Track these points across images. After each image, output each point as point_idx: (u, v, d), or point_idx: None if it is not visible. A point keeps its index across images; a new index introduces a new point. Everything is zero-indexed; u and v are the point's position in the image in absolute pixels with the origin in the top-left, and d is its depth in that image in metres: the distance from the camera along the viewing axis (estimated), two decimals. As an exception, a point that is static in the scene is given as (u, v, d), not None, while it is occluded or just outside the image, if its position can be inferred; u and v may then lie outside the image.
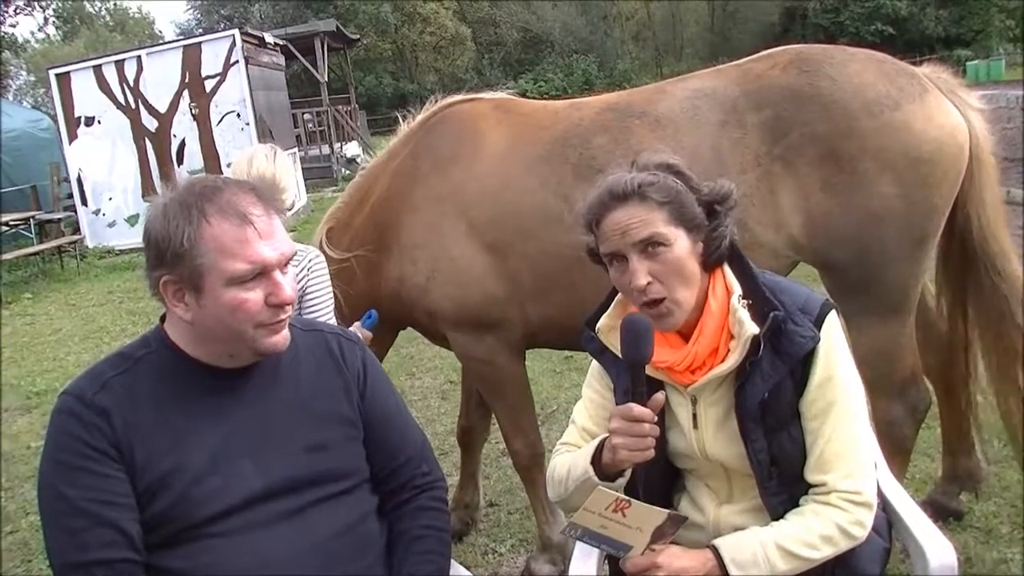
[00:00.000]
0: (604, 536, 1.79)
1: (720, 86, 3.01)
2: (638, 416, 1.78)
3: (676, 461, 2.06)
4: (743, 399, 1.87)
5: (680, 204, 1.87)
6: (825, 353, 1.87)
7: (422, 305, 3.27)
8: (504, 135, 3.24)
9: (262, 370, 1.93)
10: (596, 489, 1.77)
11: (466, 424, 3.96)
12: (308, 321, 2.18)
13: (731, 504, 2.01)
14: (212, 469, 1.82)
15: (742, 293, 1.91)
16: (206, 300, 1.78)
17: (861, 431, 1.89)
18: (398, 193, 3.31)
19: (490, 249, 3.13)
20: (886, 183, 2.78)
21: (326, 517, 1.89)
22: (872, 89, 2.83)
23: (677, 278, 1.86)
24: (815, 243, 2.88)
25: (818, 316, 1.89)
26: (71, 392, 1.85)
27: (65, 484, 1.76)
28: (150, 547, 1.78)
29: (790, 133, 2.85)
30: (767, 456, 1.88)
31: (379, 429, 2.05)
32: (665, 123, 3.00)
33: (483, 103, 3.40)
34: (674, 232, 1.86)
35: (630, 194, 1.87)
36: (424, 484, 2.09)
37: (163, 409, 1.84)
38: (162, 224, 1.77)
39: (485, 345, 3.26)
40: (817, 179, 2.83)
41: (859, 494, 1.84)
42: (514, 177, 3.13)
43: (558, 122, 3.20)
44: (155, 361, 1.89)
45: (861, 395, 1.93)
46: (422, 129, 3.38)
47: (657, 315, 1.88)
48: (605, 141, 3.05)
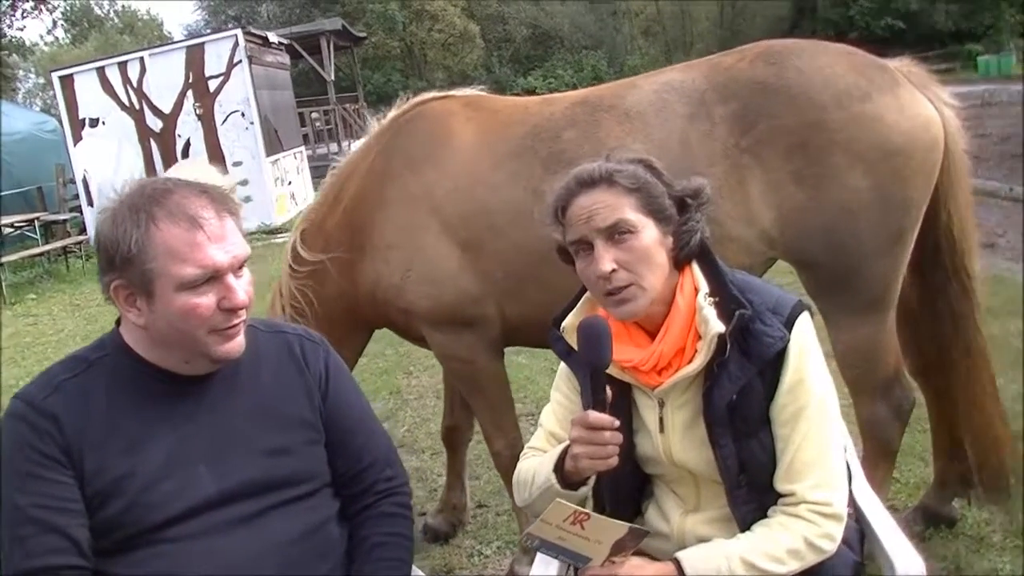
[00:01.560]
0: (563, 547, 1.75)
1: (689, 79, 2.96)
2: (597, 423, 1.73)
3: (644, 466, 2.00)
4: (710, 402, 1.81)
5: (648, 193, 1.83)
6: (796, 355, 1.80)
7: (398, 304, 3.23)
8: (474, 132, 3.20)
9: (221, 373, 1.90)
10: (555, 502, 1.72)
11: (450, 423, 3.92)
12: (271, 322, 2.14)
13: (698, 513, 1.95)
14: (165, 474, 1.78)
15: (709, 291, 1.84)
16: (157, 305, 1.75)
17: (833, 439, 1.82)
18: (370, 193, 3.28)
19: (463, 246, 3.10)
20: (857, 176, 2.73)
21: (285, 522, 1.86)
22: (841, 80, 2.78)
23: (644, 265, 1.81)
24: (788, 238, 2.82)
25: (788, 316, 1.82)
26: (21, 397, 1.82)
27: (15, 491, 1.73)
28: (101, 553, 1.75)
29: (757, 125, 2.80)
30: (736, 462, 1.82)
31: (342, 432, 2.01)
32: (634, 116, 2.95)
33: (453, 100, 3.37)
34: (642, 220, 1.81)
35: (598, 180, 1.84)
36: (387, 489, 2.04)
37: (116, 414, 1.81)
38: (111, 228, 1.74)
39: (463, 343, 3.22)
40: (787, 172, 2.77)
41: (828, 505, 1.77)
42: (484, 173, 3.10)
43: (529, 117, 3.16)
44: (109, 365, 1.86)
45: (834, 400, 1.86)
46: (393, 128, 3.35)
47: (620, 300, 1.82)
48: (574, 135, 3.01)
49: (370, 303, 3.33)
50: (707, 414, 1.82)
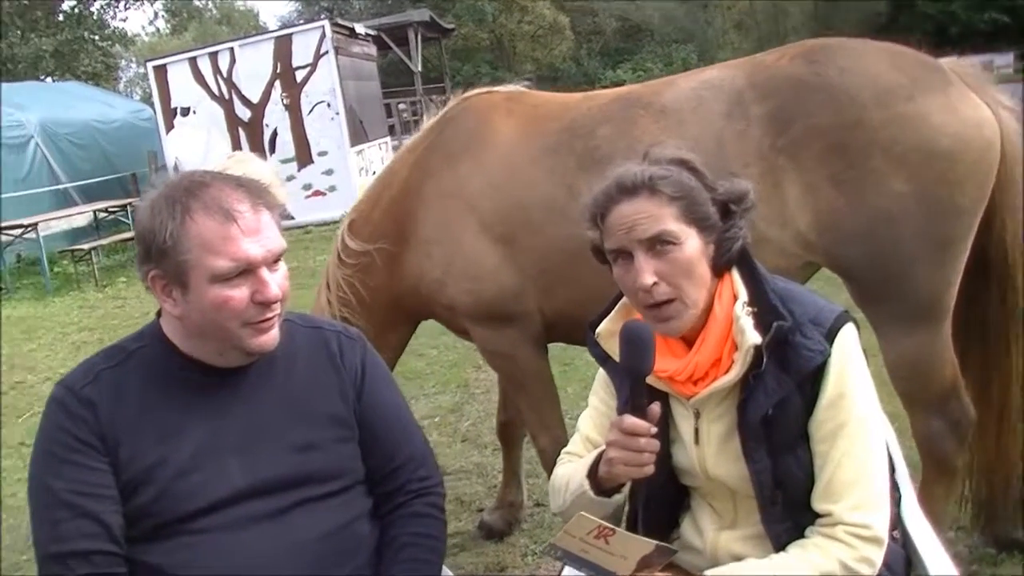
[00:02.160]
0: (587, 560, 1.70)
1: (728, 77, 2.87)
2: (633, 429, 1.68)
3: (681, 478, 1.93)
4: (745, 415, 1.73)
5: (692, 201, 1.75)
6: (837, 369, 1.71)
7: (440, 300, 3.24)
8: (514, 127, 3.18)
9: (256, 366, 1.90)
10: (578, 515, 1.68)
11: (504, 419, 3.90)
12: (309, 318, 2.14)
13: (733, 530, 1.87)
14: (196, 465, 1.80)
15: (747, 299, 1.76)
16: (192, 297, 1.76)
17: (875, 458, 1.73)
18: (414, 187, 3.29)
19: (500, 242, 3.08)
20: (899, 180, 2.59)
21: (311, 518, 1.85)
22: (884, 79, 2.64)
23: (686, 278, 1.74)
24: (826, 242, 2.70)
25: (830, 328, 1.73)
26: (64, 383, 1.86)
27: (50, 475, 1.77)
28: (132, 540, 1.78)
29: (793, 125, 2.69)
30: (771, 479, 1.74)
31: (375, 430, 1.99)
32: (669, 113, 2.88)
33: (496, 95, 3.35)
34: (685, 230, 1.73)
35: (639, 187, 1.75)
36: (419, 489, 2.02)
37: (151, 403, 1.83)
38: (149, 219, 1.76)
39: (506, 339, 3.20)
40: (824, 174, 2.65)
41: (868, 528, 1.68)
42: (520, 169, 3.08)
43: (567, 113, 3.12)
44: (148, 355, 1.89)
45: (878, 417, 1.77)
46: (439, 124, 3.35)
47: (663, 317, 1.75)
48: (609, 131, 2.95)
49: (414, 296, 3.33)
50: (741, 427, 1.75)
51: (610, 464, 1.73)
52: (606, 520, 1.72)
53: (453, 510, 4.22)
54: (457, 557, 3.78)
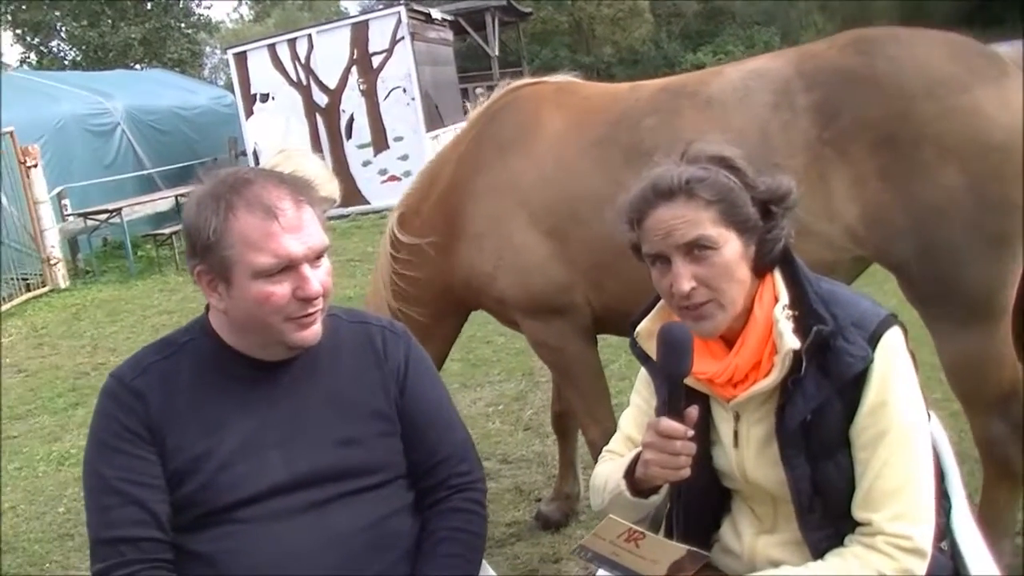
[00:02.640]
0: (617, 563, 1.69)
1: (776, 67, 2.80)
2: (669, 432, 1.65)
3: (722, 480, 1.90)
4: (783, 420, 1.69)
5: (732, 203, 1.70)
6: (880, 375, 1.65)
7: (491, 293, 3.25)
8: (563, 119, 3.15)
9: (300, 361, 1.93)
10: (607, 517, 1.66)
11: (559, 409, 3.90)
12: (355, 313, 2.16)
13: (772, 534, 1.83)
14: (240, 457, 1.84)
15: (788, 302, 1.72)
16: (235, 292, 1.80)
17: (919, 467, 1.67)
18: (462, 180, 3.28)
19: (549, 235, 3.07)
20: (949, 173, 2.50)
21: (351, 511, 1.88)
22: (937, 70, 2.55)
23: (724, 281, 1.70)
24: (874, 236, 2.62)
25: (873, 332, 1.67)
26: (115, 374, 1.92)
27: (102, 463, 1.83)
28: (178, 528, 1.83)
29: (841, 116, 2.61)
30: (809, 485, 1.70)
31: (417, 425, 2.01)
32: (715, 104, 2.82)
33: (546, 87, 3.32)
34: (723, 234, 1.69)
35: (676, 191, 1.70)
36: (460, 484, 2.03)
37: (198, 396, 1.88)
38: (195, 215, 1.81)
39: (555, 331, 3.20)
40: (872, 167, 2.57)
41: (909, 539, 1.62)
42: (569, 161, 3.05)
43: (615, 104, 3.08)
44: (196, 348, 1.94)
45: (923, 425, 1.70)
46: (486, 115, 3.33)
47: (698, 317, 1.72)
48: (654, 123, 2.90)
49: (465, 288, 3.35)
50: (779, 432, 1.70)
51: (646, 466, 1.71)
52: (644, 521, 1.71)
53: (512, 499, 4.24)
54: (514, 547, 3.80)
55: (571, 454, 3.94)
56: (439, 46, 17.80)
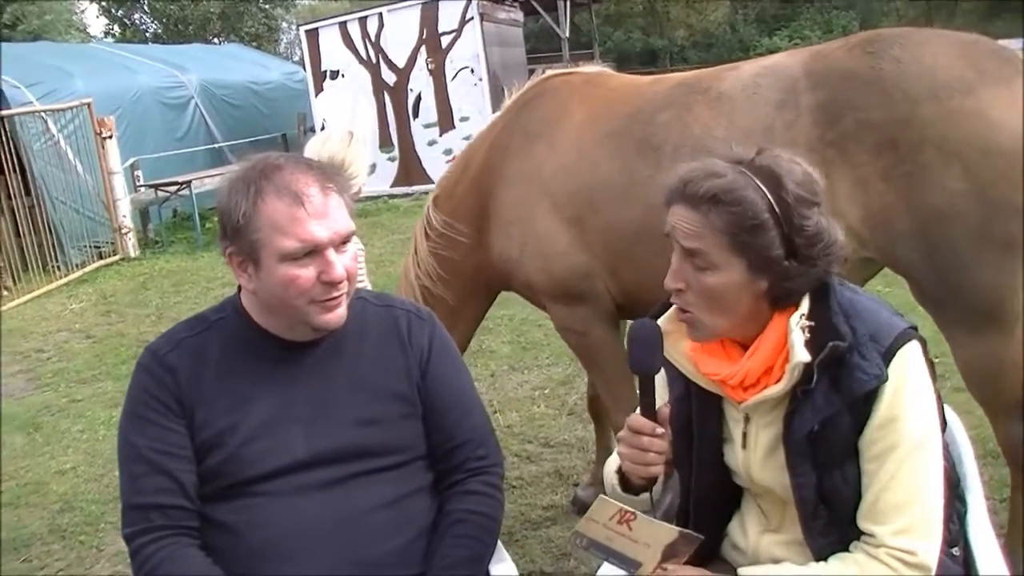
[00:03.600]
0: (611, 549, 1.70)
1: (787, 65, 2.79)
2: (638, 428, 1.69)
3: (733, 478, 1.90)
4: (790, 428, 1.68)
5: (749, 237, 1.62)
6: (892, 391, 1.62)
7: (518, 277, 3.33)
8: (586, 111, 3.19)
9: (326, 342, 1.99)
10: (599, 498, 1.69)
11: (593, 394, 3.95)
12: (383, 296, 2.21)
13: (777, 534, 1.83)
14: (263, 432, 1.91)
15: (807, 312, 1.68)
16: (263, 274, 1.86)
17: (927, 483, 1.64)
18: (494, 166, 3.35)
19: (570, 223, 3.12)
20: (952, 177, 2.46)
21: (368, 490, 1.93)
22: (944, 72, 2.50)
23: (710, 303, 1.67)
24: (878, 238, 2.60)
25: (888, 348, 1.63)
26: (150, 349, 2.00)
27: (134, 433, 1.91)
28: (204, 498, 1.90)
29: (844, 118, 2.60)
30: (814, 493, 1.68)
31: (437, 409, 2.05)
32: (724, 100, 2.83)
33: (576, 77, 3.37)
34: (728, 259, 1.64)
35: (699, 201, 1.65)
36: (477, 468, 2.07)
37: (226, 372, 1.95)
38: (227, 198, 1.87)
39: (579, 316, 3.26)
40: (875, 169, 2.55)
41: (913, 554, 1.60)
42: (588, 151, 3.10)
43: (636, 98, 3.11)
44: (226, 326, 2.01)
45: (935, 440, 1.67)
46: (518, 104, 3.39)
47: (686, 321, 1.73)
48: (667, 117, 2.93)
49: (493, 271, 3.44)
50: (786, 441, 1.70)
51: (622, 461, 1.74)
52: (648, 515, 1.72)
53: (551, 483, 4.29)
54: (548, 530, 3.85)
55: (607, 439, 3.97)
56: (508, 27, 17.76)
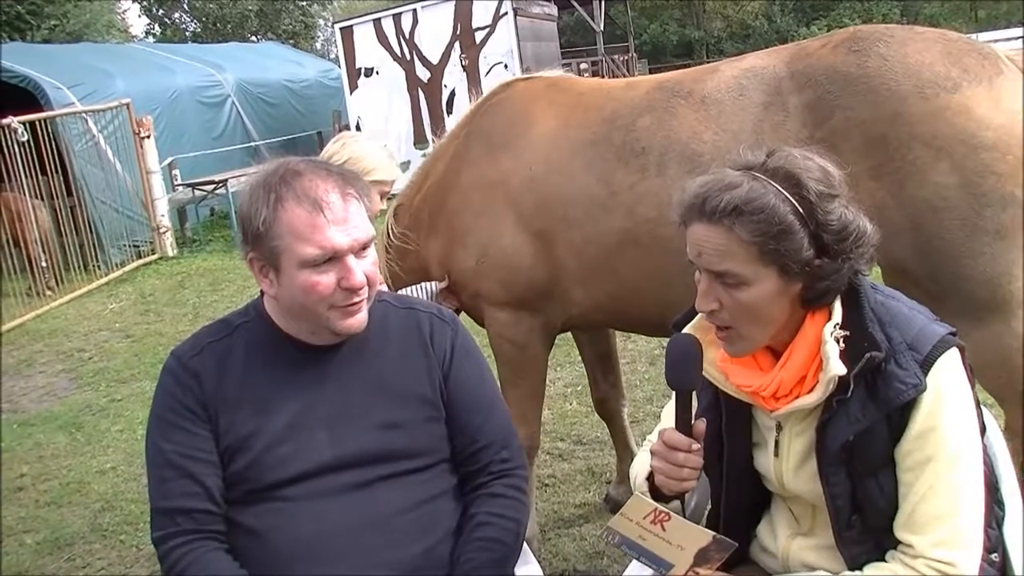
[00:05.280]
0: (643, 548, 1.69)
1: (771, 65, 2.77)
2: (673, 444, 1.67)
3: (764, 482, 1.88)
4: (824, 439, 1.65)
5: (777, 242, 1.58)
6: (931, 401, 1.59)
7: (470, 288, 3.27)
8: (555, 117, 3.13)
9: (348, 345, 2.00)
10: (634, 496, 1.69)
11: (599, 395, 3.95)
12: (405, 299, 2.21)
13: (808, 538, 1.81)
14: (287, 436, 1.92)
15: (841, 321, 1.64)
16: (283, 280, 1.88)
17: (966, 493, 1.60)
18: (451, 176, 3.30)
19: (538, 236, 3.07)
20: (942, 172, 2.49)
21: (392, 493, 1.93)
22: (929, 70, 2.53)
23: (748, 318, 1.64)
24: None
25: (927, 356, 1.59)
26: (175, 353, 2.02)
27: (161, 437, 1.93)
28: (230, 502, 1.92)
29: (832, 116, 2.60)
30: (848, 503, 1.66)
31: (460, 412, 2.05)
32: (710, 103, 2.80)
33: (538, 82, 3.31)
34: (759, 271, 1.61)
35: (720, 216, 1.60)
36: (501, 471, 2.07)
37: (250, 376, 1.96)
38: (247, 204, 1.88)
39: (523, 327, 3.23)
40: (865, 167, 2.55)
41: (952, 566, 1.57)
42: (560, 162, 3.04)
43: (610, 102, 3.05)
44: (250, 330, 2.02)
45: (974, 449, 1.63)
46: (479, 111, 3.33)
47: (724, 339, 1.70)
48: (649, 122, 2.88)
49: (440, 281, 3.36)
50: (819, 451, 1.66)
51: (655, 473, 1.73)
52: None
53: (583, 481, 4.28)
54: (582, 528, 3.85)
55: (623, 436, 3.97)
56: (543, 21, 17.74)
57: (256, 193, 1.87)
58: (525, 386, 3.36)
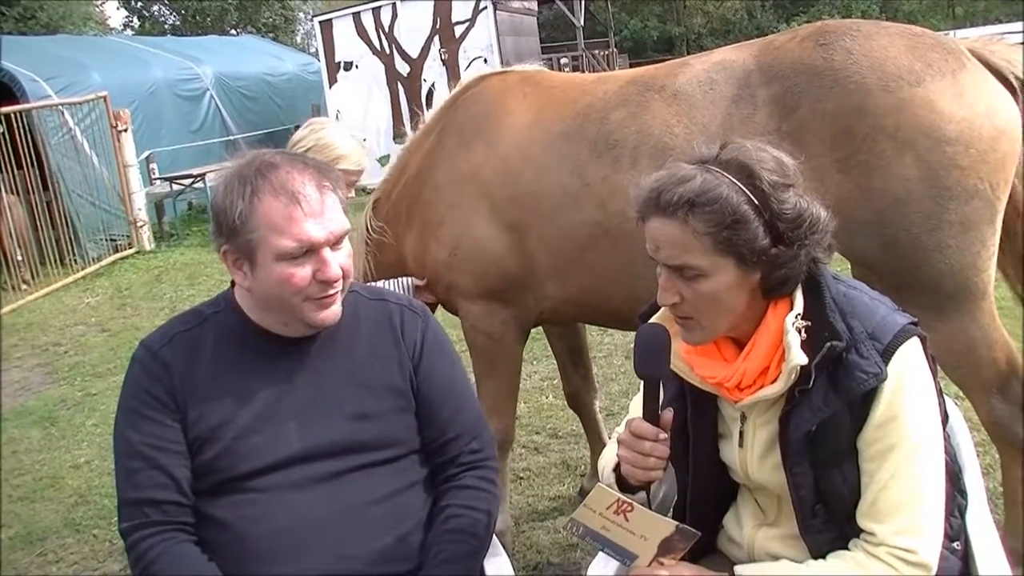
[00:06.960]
0: (607, 539, 1.69)
1: (740, 59, 2.81)
2: (640, 433, 1.68)
3: (729, 473, 1.90)
4: (787, 429, 1.67)
5: (733, 232, 1.60)
6: (891, 391, 1.61)
7: (444, 280, 3.28)
8: (528, 110, 3.15)
9: (320, 337, 2.00)
10: (597, 486, 1.69)
11: (571, 389, 3.98)
12: (376, 290, 2.22)
13: (773, 528, 1.83)
14: (257, 427, 1.92)
15: (802, 311, 1.66)
16: (259, 272, 1.88)
17: (927, 482, 1.63)
18: (426, 169, 3.31)
19: (510, 229, 3.09)
20: (906, 165, 2.53)
21: (363, 484, 1.94)
22: (893, 63, 2.56)
23: (709, 308, 1.66)
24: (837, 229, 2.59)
25: (888, 346, 1.62)
26: (145, 343, 2.01)
27: (130, 428, 1.92)
28: (199, 493, 1.91)
29: (799, 109, 2.63)
30: (812, 492, 1.68)
31: (430, 403, 2.06)
32: (681, 97, 2.83)
33: (511, 76, 3.33)
34: (715, 262, 1.62)
35: (675, 210, 1.62)
36: (471, 462, 2.08)
37: (220, 367, 1.96)
38: (222, 197, 1.88)
39: (498, 319, 3.25)
40: (832, 160, 2.59)
41: (913, 553, 1.60)
42: (534, 155, 3.06)
43: (583, 96, 3.07)
44: (221, 321, 2.02)
45: (935, 438, 1.66)
46: (453, 105, 3.34)
47: (686, 328, 1.72)
48: (622, 116, 2.91)
49: (417, 274, 3.38)
50: (783, 441, 1.68)
51: (621, 463, 1.74)
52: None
53: (558, 473, 4.30)
54: (556, 520, 3.87)
55: (597, 428, 4.00)
56: (523, 16, 17.75)
57: (231, 186, 1.86)
58: (499, 379, 3.37)
